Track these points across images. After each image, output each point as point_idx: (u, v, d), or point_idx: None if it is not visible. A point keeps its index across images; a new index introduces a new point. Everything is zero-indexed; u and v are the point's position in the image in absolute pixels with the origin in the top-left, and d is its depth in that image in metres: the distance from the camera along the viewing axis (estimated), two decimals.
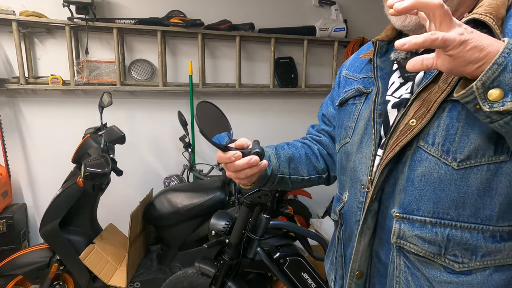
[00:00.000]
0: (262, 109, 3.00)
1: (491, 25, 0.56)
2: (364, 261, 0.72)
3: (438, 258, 0.62)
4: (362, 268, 0.72)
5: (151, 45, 2.59)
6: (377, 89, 0.73)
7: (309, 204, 2.96)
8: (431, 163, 0.61)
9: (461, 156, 0.58)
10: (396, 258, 0.67)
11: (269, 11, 2.84)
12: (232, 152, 0.68)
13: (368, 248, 0.71)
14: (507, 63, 0.47)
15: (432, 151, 0.61)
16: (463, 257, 0.61)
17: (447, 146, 0.59)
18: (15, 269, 1.79)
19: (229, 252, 1.46)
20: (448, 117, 0.59)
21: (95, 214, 2.03)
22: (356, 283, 0.73)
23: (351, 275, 0.73)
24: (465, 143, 0.58)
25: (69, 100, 2.51)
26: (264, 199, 1.46)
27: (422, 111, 0.61)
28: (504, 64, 0.47)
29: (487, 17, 0.57)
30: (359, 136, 0.74)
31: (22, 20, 2.18)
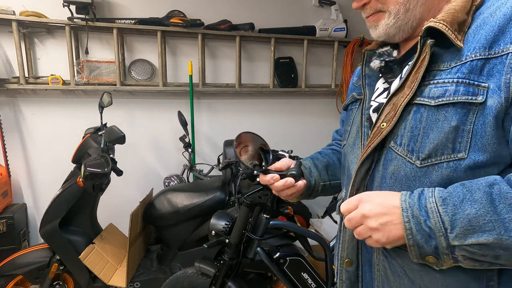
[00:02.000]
0: (262, 109, 3.00)
1: (445, 31, 0.60)
2: (352, 249, 0.76)
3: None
4: (350, 256, 0.77)
5: (151, 45, 2.59)
6: (364, 96, 0.80)
7: (309, 204, 2.96)
8: (399, 162, 0.66)
9: (422, 155, 0.62)
10: (375, 248, 0.71)
11: (269, 11, 2.84)
12: (271, 175, 0.81)
13: (354, 238, 0.75)
14: (415, 242, 0.58)
15: (399, 151, 0.66)
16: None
17: (411, 146, 0.64)
18: (15, 269, 1.79)
19: (229, 252, 1.46)
20: (412, 119, 0.64)
21: (95, 214, 2.03)
22: (346, 270, 0.78)
23: (341, 263, 0.79)
24: (425, 142, 0.62)
25: (69, 100, 2.51)
26: (264, 199, 1.45)
27: (391, 114, 0.66)
28: (413, 244, 0.58)
29: (440, 24, 0.61)
30: (352, 138, 0.81)
31: (22, 20, 2.18)
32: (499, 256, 0.54)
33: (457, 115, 0.59)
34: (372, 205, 0.62)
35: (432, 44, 0.62)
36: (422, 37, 0.64)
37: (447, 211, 0.56)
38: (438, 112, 0.61)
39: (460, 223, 0.55)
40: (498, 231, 0.52)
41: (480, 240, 0.53)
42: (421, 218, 0.57)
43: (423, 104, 0.63)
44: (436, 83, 0.62)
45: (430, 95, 0.62)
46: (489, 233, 0.53)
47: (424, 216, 0.57)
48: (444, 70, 0.62)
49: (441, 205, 0.57)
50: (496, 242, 0.52)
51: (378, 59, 0.77)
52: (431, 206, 0.57)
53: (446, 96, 0.60)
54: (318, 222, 2.73)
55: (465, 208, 0.55)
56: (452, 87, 0.60)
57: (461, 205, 0.55)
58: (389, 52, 0.77)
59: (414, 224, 0.58)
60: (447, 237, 0.55)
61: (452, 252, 0.56)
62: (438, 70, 0.63)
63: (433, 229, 0.56)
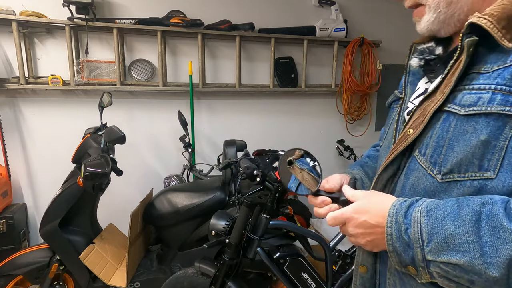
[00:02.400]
0: (262, 109, 3.00)
1: (488, 29, 0.53)
2: (367, 256, 0.72)
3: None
4: (365, 263, 0.73)
5: (151, 45, 2.59)
6: (404, 95, 0.73)
7: (309, 204, 2.96)
8: (420, 174, 0.60)
9: (444, 169, 0.56)
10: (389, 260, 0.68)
11: (269, 11, 2.84)
12: (322, 198, 0.70)
13: None
14: (395, 249, 0.56)
15: (422, 162, 0.60)
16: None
17: (434, 157, 0.58)
18: (15, 269, 1.79)
19: (229, 252, 1.46)
20: (440, 128, 0.58)
21: (95, 214, 2.03)
22: (361, 276, 0.74)
23: (356, 268, 0.75)
24: (449, 155, 0.56)
25: (69, 100, 2.51)
26: (264, 199, 1.45)
27: (419, 120, 0.61)
28: (393, 250, 0.57)
29: (484, 19, 0.53)
30: (387, 141, 0.75)
31: (22, 20, 2.18)
32: (474, 282, 0.50)
33: (489, 128, 0.52)
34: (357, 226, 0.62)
35: (471, 43, 0.54)
36: (465, 34, 0.56)
37: (427, 223, 0.53)
38: (468, 123, 0.54)
39: (436, 238, 0.52)
40: (472, 254, 0.49)
41: (451, 259, 0.50)
42: (403, 226, 0.55)
43: (453, 112, 0.56)
44: (471, 89, 0.55)
45: (461, 103, 0.55)
46: (462, 253, 0.49)
47: (407, 224, 0.55)
48: (483, 74, 0.55)
49: (424, 216, 0.54)
50: (468, 265, 0.49)
51: (418, 57, 0.69)
52: (415, 215, 0.55)
53: (479, 105, 0.53)
54: (318, 222, 2.73)
55: (446, 223, 0.52)
56: (488, 95, 0.53)
57: (443, 219, 0.52)
58: (431, 49, 0.68)
59: (395, 231, 0.56)
60: (423, 249, 0.53)
61: (427, 266, 0.54)
62: (478, 73, 0.56)
63: (411, 239, 0.54)
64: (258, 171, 1.42)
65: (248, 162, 1.45)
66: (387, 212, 0.58)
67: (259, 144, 2.82)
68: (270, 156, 1.56)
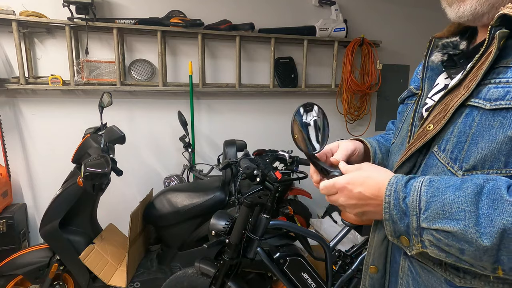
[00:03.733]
0: (262, 109, 3.00)
1: None
2: (379, 257, 0.71)
3: (439, 268, 0.59)
4: (376, 263, 0.72)
5: (151, 45, 2.59)
6: (422, 91, 0.70)
7: (309, 204, 2.96)
8: (439, 170, 0.58)
9: (466, 166, 0.54)
10: (402, 259, 0.67)
11: (269, 11, 2.85)
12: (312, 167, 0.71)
13: (382, 245, 0.71)
14: (391, 217, 0.56)
15: (441, 158, 0.58)
16: (465, 272, 0.56)
17: (455, 153, 0.56)
18: (15, 269, 1.79)
19: (229, 252, 1.46)
20: (462, 123, 0.56)
21: (95, 214, 2.03)
22: (370, 277, 0.73)
23: (365, 268, 0.74)
24: (472, 151, 0.54)
25: (69, 100, 2.51)
26: (264, 199, 1.45)
27: (441, 116, 0.58)
28: (389, 218, 0.56)
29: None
30: (401, 138, 0.73)
31: (22, 20, 2.18)
32: (464, 251, 0.49)
33: None
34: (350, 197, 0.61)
35: (503, 35, 0.51)
36: (494, 26, 0.53)
37: (427, 192, 0.53)
38: (494, 118, 0.52)
39: (433, 206, 0.51)
40: (466, 222, 0.48)
41: (446, 227, 0.50)
42: (402, 195, 0.55)
43: (477, 106, 0.54)
44: (498, 83, 0.53)
45: (487, 97, 0.53)
46: (457, 221, 0.49)
47: (406, 193, 0.55)
48: (510, 67, 0.52)
49: (425, 185, 0.54)
50: (461, 233, 0.49)
51: (441, 52, 0.66)
52: (416, 185, 0.54)
53: (506, 99, 0.51)
54: (318, 222, 2.73)
55: (446, 192, 0.51)
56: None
57: (444, 189, 0.52)
58: (455, 44, 0.65)
59: (393, 199, 0.55)
60: (419, 217, 0.53)
61: (420, 234, 0.53)
62: (505, 66, 0.53)
63: (409, 207, 0.54)
64: (258, 171, 1.42)
65: (248, 162, 1.45)
66: (385, 183, 0.57)
67: (259, 144, 2.83)
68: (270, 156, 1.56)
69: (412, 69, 3.40)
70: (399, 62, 3.32)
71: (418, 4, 3.27)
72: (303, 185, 2.93)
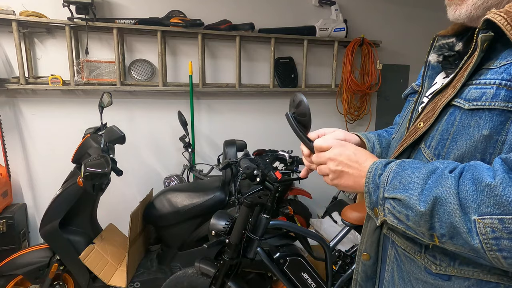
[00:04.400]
0: (262, 109, 3.00)
1: (502, 26, 0.52)
2: (371, 245, 0.75)
3: (419, 256, 0.63)
4: (368, 251, 0.76)
5: (151, 45, 2.59)
6: (422, 89, 0.74)
7: (309, 204, 2.96)
8: None
9: None
10: (390, 247, 0.71)
11: (269, 11, 2.85)
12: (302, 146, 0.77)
13: (374, 234, 0.74)
14: (368, 190, 0.61)
15: (426, 154, 0.62)
16: (441, 260, 0.60)
17: (438, 150, 0.60)
18: (15, 269, 1.79)
19: (229, 252, 1.46)
20: (446, 122, 0.59)
21: (95, 214, 2.03)
22: (363, 264, 0.77)
23: (359, 255, 0.78)
24: (452, 148, 0.58)
25: (69, 100, 2.51)
26: (264, 199, 1.45)
27: (430, 114, 0.62)
28: (367, 191, 0.62)
29: (499, 16, 0.53)
30: (400, 133, 0.76)
31: (22, 20, 2.18)
32: (408, 217, 0.55)
33: (492, 123, 0.53)
34: (340, 154, 0.66)
35: (485, 39, 0.54)
36: (481, 30, 0.56)
37: (395, 170, 0.59)
38: (472, 117, 0.55)
39: (395, 179, 0.57)
40: (412, 192, 0.54)
41: (397, 195, 0.56)
42: (379, 172, 0.61)
43: (458, 106, 0.57)
44: (477, 84, 0.56)
45: (467, 97, 0.56)
46: (406, 191, 0.55)
47: (382, 170, 0.61)
48: (492, 69, 0.55)
49: (398, 165, 0.59)
50: (406, 200, 0.54)
51: (436, 53, 0.69)
52: (392, 165, 0.60)
53: (482, 100, 0.54)
54: (318, 222, 2.73)
55: (408, 170, 0.57)
56: (492, 90, 0.53)
57: (409, 168, 0.57)
58: (451, 45, 0.68)
59: (372, 175, 0.61)
60: (384, 189, 0.59)
61: (384, 204, 0.59)
62: (487, 68, 0.56)
63: (381, 182, 0.60)
64: (258, 171, 1.42)
65: (248, 162, 1.45)
66: (372, 161, 0.64)
67: (259, 144, 2.83)
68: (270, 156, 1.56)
69: (412, 69, 3.40)
70: (399, 62, 3.33)
71: (418, 4, 3.27)
72: (303, 185, 2.93)
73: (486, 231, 0.47)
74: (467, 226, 0.48)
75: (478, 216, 0.47)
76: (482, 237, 0.47)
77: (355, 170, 0.64)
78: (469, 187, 0.49)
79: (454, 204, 0.49)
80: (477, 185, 0.48)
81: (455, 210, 0.49)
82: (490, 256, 0.48)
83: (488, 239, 0.47)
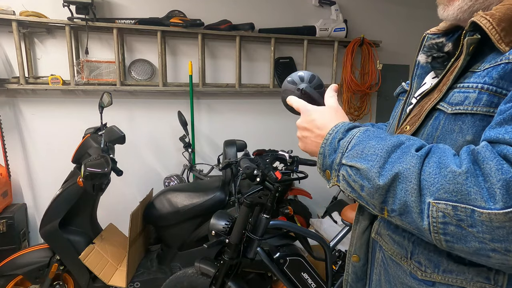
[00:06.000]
0: (262, 109, 3.00)
1: (487, 30, 0.52)
2: (360, 247, 0.75)
3: (405, 261, 0.62)
4: (358, 252, 0.76)
5: (151, 45, 2.59)
6: (411, 89, 0.73)
7: (309, 204, 2.96)
8: None
9: None
10: (378, 251, 0.71)
11: (269, 11, 2.84)
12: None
13: (363, 236, 0.74)
14: (324, 151, 0.60)
15: None
16: (426, 266, 0.59)
17: None
18: (15, 269, 1.79)
19: (229, 252, 1.46)
20: (430, 126, 0.59)
21: (95, 214, 2.03)
22: (353, 265, 0.77)
23: (348, 256, 0.78)
24: None
25: (69, 100, 2.51)
26: (264, 199, 1.45)
27: (416, 118, 0.61)
28: (322, 152, 0.61)
29: (485, 19, 0.52)
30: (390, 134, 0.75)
31: (22, 20, 2.18)
32: (364, 187, 0.54)
33: (475, 128, 0.52)
34: (303, 120, 0.67)
35: (471, 42, 0.54)
36: (468, 32, 0.55)
37: (359, 137, 0.57)
38: (455, 122, 0.54)
39: (357, 147, 0.56)
40: (373, 163, 0.52)
41: (357, 164, 0.54)
42: (339, 136, 0.59)
43: (442, 110, 0.57)
44: (461, 87, 0.55)
45: (450, 101, 0.56)
46: (367, 161, 0.53)
47: (344, 135, 0.59)
48: (476, 73, 0.54)
49: (361, 132, 0.58)
50: (365, 171, 0.53)
51: (426, 53, 0.68)
52: (355, 131, 0.59)
53: (465, 105, 0.53)
54: (318, 222, 2.74)
55: (372, 140, 0.55)
56: (474, 94, 0.52)
57: (373, 138, 0.56)
58: (440, 46, 0.67)
59: (331, 138, 0.60)
60: (343, 154, 0.57)
61: (339, 169, 0.58)
62: (472, 71, 0.55)
63: (340, 146, 0.58)
64: (258, 171, 1.42)
65: (248, 162, 1.45)
66: (333, 124, 0.62)
67: (259, 144, 2.83)
68: (270, 156, 1.56)
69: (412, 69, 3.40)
70: (399, 62, 3.32)
71: (418, 4, 3.27)
72: (303, 185, 2.93)
73: (437, 215, 0.47)
74: (420, 207, 0.48)
75: (433, 200, 0.47)
76: (432, 220, 0.47)
77: (316, 135, 0.64)
78: (432, 169, 0.48)
79: (414, 184, 0.49)
80: (442, 169, 0.47)
81: (413, 190, 0.49)
82: (434, 237, 0.48)
83: (437, 223, 0.47)
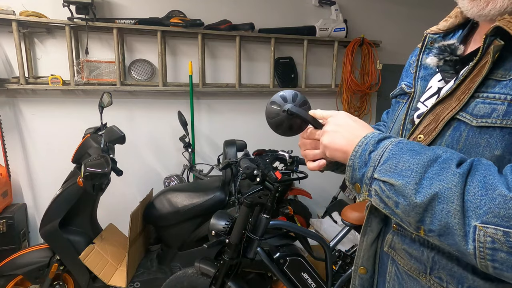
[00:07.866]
0: (262, 109, 2.99)
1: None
2: (367, 259, 0.73)
3: (424, 276, 0.59)
4: (365, 265, 0.74)
5: (151, 45, 2.59)
6: (414, 92, 0.68)
7: (309, 204, 2.96)
8: None
9: None
10: (390, 264, 0.68)
11: (269, 11, 2.84)
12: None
13: (371, 248, 0.72)
14: (353, 164, 0.57)
15: None
16: (448, 282, 0.56)
17: None
18: (15, 269, 1.79)
19: (229, 252, 1.46)
20: (450, 137, 0.55)
21: (95, 214, 2.03)
22: (360, 277, 0.75)
23: (355, 268, 0.76)
24: None
25: (69, 100, 2.51)
26: (264, 199, 1.46)
27: (432, 127, 0.57)
28: (351, 165, 0.57)
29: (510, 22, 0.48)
30: None
31: (22, 20, 2.18)
32: (398, 204, 0.51)
33: (504, 142, 0.48)
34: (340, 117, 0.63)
35: (498, 48, 0.49)
36: (489, 36, 0.51)
37: (391, 150, 0.53)
38: (480, 135, 0.50)
39: (390, 162, 0.52)
40: (409, 179, 0.49)
41: (391, 180, 0.51)
42: (370, 148, 0.56)
43: (464, 121, 0.52)
44: (485, 97, 0.51)
45: (474, 112, 0.51)
46: (402, 177, 0.50)
47: (374, 147, 0.55)
48: (501, 82, 0.50)
49: (393, 145, 0.54)
50: (401, 187, 0.50)
51: (437, 57, 0.63)
52: (386, 143, 0.55)
53: (493, 117, 0.49)
54: (318, 222, 2.74)
55: (406, 154, 0.52)
56: (503, 107, 0.48)
57: (407, 151, 0.52)
58: (453, 48, 0.62)
59: (362, 150, 0.56)
60: (375, 168, 0.54)
61: (370, 184, 0.55)
62: (495, 80, 0.51)
63: (372, 159, 0.55)
64: (258, 171, 1.42)
65: (248, 162, 1.45)
66: (361, 136, 0.58)
67: (259, 144, 2.82)
68: (270, 156, 1.56)
69: None
70: (399, 62, 3.32)
71: (418, 4, 3.27)
72: (303, 185, 2.93)
73: (485, 240, 0.43)
74: (464, 229, 0.45)
75: (480, 223, 0.44)
76: (478, 244, 0.44)
77: (350, 134, 0.60)
78: (477, 190, 0.44)
79: (457, 205, 0.45)
80: (489, 191, 0.44)
81: (456, 212, 0.45)
82: (480, 262, 0.45)
83: (485, 248, 0.44)
